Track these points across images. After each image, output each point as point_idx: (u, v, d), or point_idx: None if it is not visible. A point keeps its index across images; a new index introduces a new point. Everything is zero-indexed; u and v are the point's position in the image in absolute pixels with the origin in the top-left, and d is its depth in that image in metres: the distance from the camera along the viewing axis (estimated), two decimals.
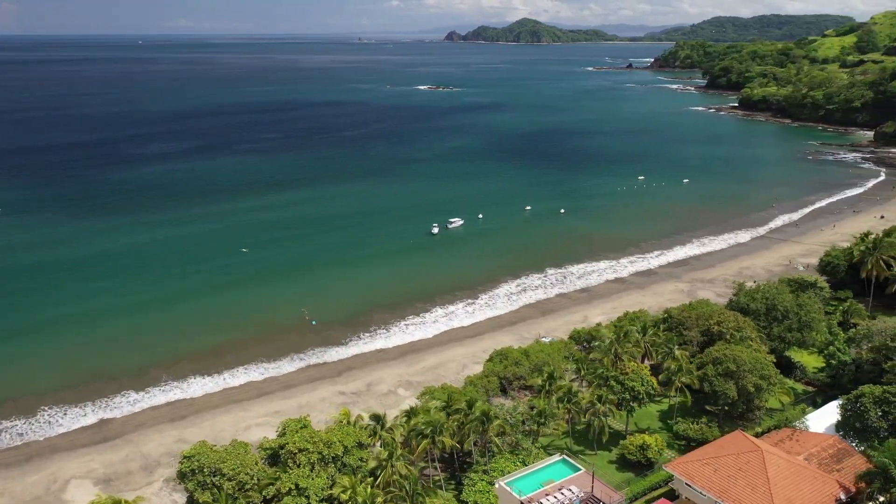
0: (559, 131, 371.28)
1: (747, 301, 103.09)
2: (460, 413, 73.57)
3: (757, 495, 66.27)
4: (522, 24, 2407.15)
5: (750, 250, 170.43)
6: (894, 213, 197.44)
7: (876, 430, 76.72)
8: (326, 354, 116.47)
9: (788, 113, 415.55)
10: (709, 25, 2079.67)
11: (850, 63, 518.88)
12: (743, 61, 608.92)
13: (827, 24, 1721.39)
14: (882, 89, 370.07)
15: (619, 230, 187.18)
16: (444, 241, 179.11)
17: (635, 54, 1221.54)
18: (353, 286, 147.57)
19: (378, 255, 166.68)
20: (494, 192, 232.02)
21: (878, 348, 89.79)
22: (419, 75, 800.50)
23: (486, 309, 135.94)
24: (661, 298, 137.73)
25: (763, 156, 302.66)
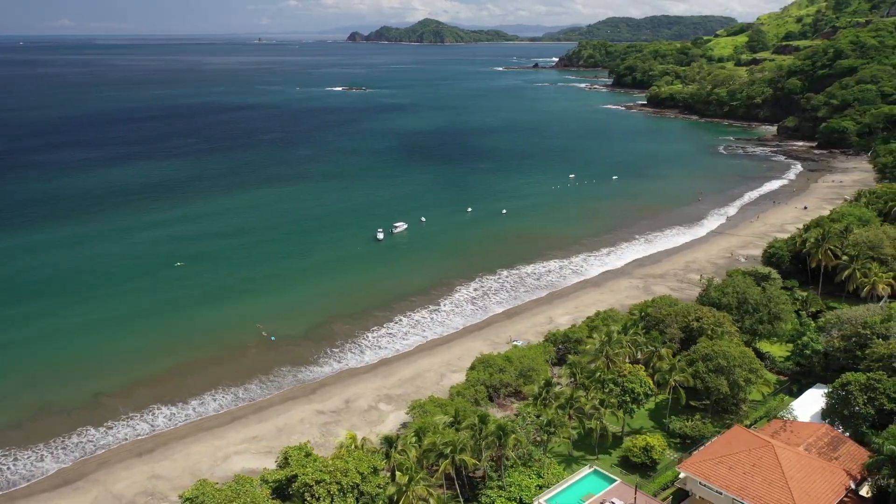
0: (484, 130, 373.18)
1: (718, 296, 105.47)
2: (473, 429, 70.86)
3: (775, 490, 67.12)
4: (425, 25, 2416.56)
5: (690, 244, 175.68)
6: (814, 203, 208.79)
7: (864, 417, 79.69)
8: (295, 372, 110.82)
9: (695, 109, 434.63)
10: (604, 26, 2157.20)
11: (744, 61, 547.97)
12: (646, 60, 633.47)
13: (712, 25, 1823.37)
14: (780, 86, 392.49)
15: (562, 229, 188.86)
16: (392, 246, 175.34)
17: (539, 54, 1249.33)
18: (305, 298, 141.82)
19: (326, 263, 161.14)
20: (430, 193, 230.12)
21: (849, 336, 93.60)
22: (329, 76, 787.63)
23: (452, 315, 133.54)
24: (619, 295, 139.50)
25: (680, 151, 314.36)
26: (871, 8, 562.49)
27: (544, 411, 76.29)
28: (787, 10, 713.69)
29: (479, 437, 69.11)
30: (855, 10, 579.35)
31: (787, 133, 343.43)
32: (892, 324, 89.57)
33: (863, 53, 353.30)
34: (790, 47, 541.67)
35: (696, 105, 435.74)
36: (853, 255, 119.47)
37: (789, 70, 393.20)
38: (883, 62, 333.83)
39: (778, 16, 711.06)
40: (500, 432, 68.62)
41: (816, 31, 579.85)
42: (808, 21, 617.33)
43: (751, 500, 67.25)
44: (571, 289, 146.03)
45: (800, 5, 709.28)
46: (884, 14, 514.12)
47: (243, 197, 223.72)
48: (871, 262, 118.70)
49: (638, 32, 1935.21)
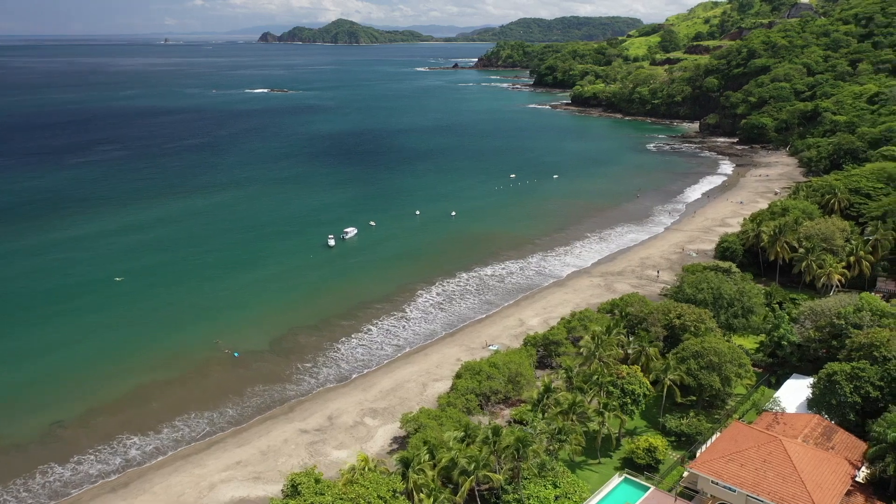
0: (418, 131, 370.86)
1: (693, 292, 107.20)
2: (487, 442, 68.66)
3: (789, 485, 68.11)
4: (339, 25, 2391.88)
5: (640, 241, 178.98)
6: (748, 197, 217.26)
7: (851, 405, 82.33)
8: (268, 390, 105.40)
9: (618, 108, 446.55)
10: (516, 27, 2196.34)
11: (659, 61, 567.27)
12: (565, 60, 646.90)
13: (619, 26, 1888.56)
14: (698, 85, 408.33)
15: (514, 229, 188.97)
16: (345, 253, 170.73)
17: (457, 54, 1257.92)
18: (263, 310, 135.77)
19: (279, 273, 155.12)
20: (374, 197, 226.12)
21: (823, 327, 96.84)
22: (248, 78, 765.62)
23: (421, 322, 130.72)
24: (583, 294, 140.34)
25: (612, 149, 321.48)
26: (772, 10, 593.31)
27: (555, 419, 74.97)
28: (693, 12, 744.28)
29: (498, 451, 66.98)
30: (757, 11, 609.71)
31: (708, 129, 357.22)
32: (864, 313, 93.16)
33: (774, 53, 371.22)
34: (700, 47, 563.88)
35: (619, 104, 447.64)
36: (808, 247, 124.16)
37: (706, 69, 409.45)
38: (794, 61, 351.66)
39: (685, 17, 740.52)
40: (518, 444, 66.76)
41: (724, 32, 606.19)
42: (715, 22, 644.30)
43: (766, 495, 68.02)
44: (535, 289, 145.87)
45: (705, 7, 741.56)
46: (784, 15, 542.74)
47: (177, 206, 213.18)
48: (825, 254, 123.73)
49: (549, 33, 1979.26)
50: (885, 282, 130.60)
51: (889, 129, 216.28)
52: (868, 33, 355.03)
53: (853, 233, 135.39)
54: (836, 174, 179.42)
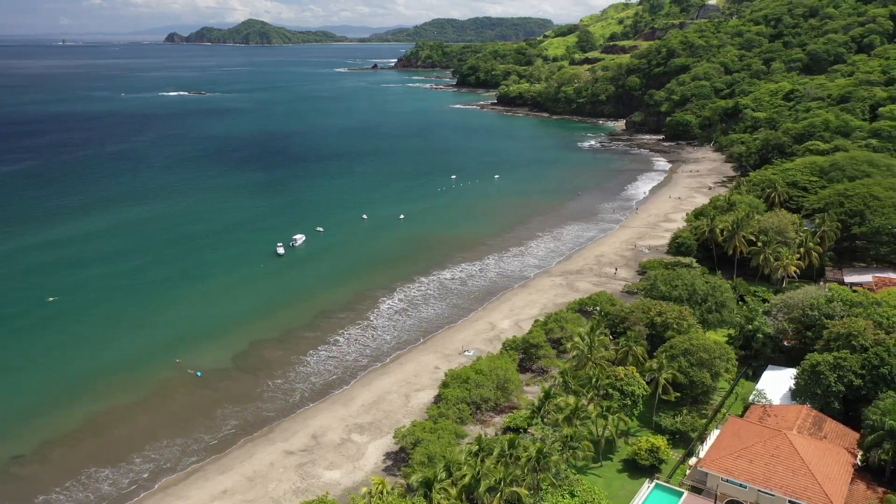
0: (349, 132, 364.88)
1: (668, 289, 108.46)
2: (504, 455, 66.52)
3: (799, 478, 69.18)
4: (249, 25, 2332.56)
5: (591, 239, 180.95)
6: (684, 193, 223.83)
7: (836, 394, 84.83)
8: (241, 410, 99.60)
9: (544, 107, 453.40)
10: (430, 27, 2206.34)
11: (578, 60, 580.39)
12: (487, 60, 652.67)
13: (531, 26, 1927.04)
14: (621, 84, 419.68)
15: (465, 231, 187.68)
16: (297, 261, 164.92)
17: (375, 55, 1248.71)
18: (219, 325, 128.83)
19: (231, 285, 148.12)
20: (315, 201, 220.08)
21: (797, 319, 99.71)
22: (160, 80, 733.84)
23: (389, 329, 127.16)
24: (547, 294, 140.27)
25: (545, 148, 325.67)
26: (681, 10, 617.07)
27: (563, 425, 73.64)
28: (606, 13, 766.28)
29: (522, 465, 64.92)
30: (668, 12, 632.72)
31: (634, 127, 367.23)
32: (836, 304, 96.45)
33: (692, 52, 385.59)
34: (617, 47, 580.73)
35: (545, 103, 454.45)
36: (766, 240, 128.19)
37: (628, 69, 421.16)
38: (711, 60, 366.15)
39: (599, 18, 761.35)
40: (539, 456, 64.96)
41: (637, 32, 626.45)
42: (628, 23, 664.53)
43: (779, 490, 68.87)
44: (497, 291, 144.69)
45: (617, 8, 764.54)
46: (693, 17, 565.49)
47: (105, 218, 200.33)
48: (781, 247, 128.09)
49: (463, 33, 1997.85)
50: (832, 271, 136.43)
51: (811, 124, 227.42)
52: (778, 33, 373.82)
53: (800, 225, 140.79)
54: (773, 168, 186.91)
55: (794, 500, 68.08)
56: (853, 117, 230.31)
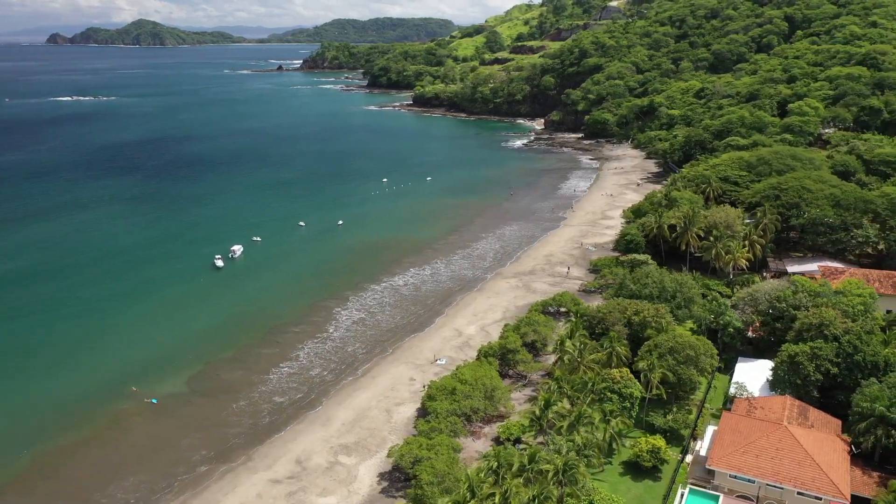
0: (267, 137, 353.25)
1: (639, 288, 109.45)
2: (525, 471, 64.35)
3: (806, 469, 70.67)
4: (140, 26, 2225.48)
5: (535, 238, 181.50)
6: (614, 190, 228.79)
7: (814, 383, 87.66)
8: (210, 439, 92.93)
9: (462, 108, 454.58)
10: (331, 27, 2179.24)
11: (488, 61, 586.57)
12: (398, 61, 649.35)
13: (432, 27, 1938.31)
14: (536, 84, 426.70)
15: (408, 235, 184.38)
16: (239, 273, 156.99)
17: (277, 56, 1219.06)
18: (168, 346, 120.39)
19: (172, 302, 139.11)
20: (246, 209, 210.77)
21: (765, 311, 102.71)
22: (48, 84, 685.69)
23: (351, 341, 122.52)
24: (507, 297, 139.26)
25: (470, 147, 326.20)
26: (583, 12, 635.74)
27: (577, 434, 72.24)
28: (510, 14, 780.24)
29: (548, 479, 62.88)
30: (571, 13, 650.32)
31: (553, 126, 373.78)
32: (801, 295, 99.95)
33: (604, 53, 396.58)
34: (525, 47, 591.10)
35: (462, 103, 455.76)
36: (717, 235, 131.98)
37: (542, 68, 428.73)
38: (623, 60, 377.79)
39: (504, 18, 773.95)
40: (565, 468, 63.21)
41: (543, 33, 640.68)
42: (534, 24, 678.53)
43: (788, 483, 70.07)
44: (455, 296, 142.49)
45: (521, 9, 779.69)
46: (595, 18, 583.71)
47: (18, 236, 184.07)
48: (731, 240, 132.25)
49: (364, 34, 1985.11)
50: (774, 262, 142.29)
51: (729, 121, 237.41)
52: (683, 34, 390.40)
53: (742, 219, 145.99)
54: (703, 164, 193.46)
55: (802, 492, 69.46)
56: (766, 114, 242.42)
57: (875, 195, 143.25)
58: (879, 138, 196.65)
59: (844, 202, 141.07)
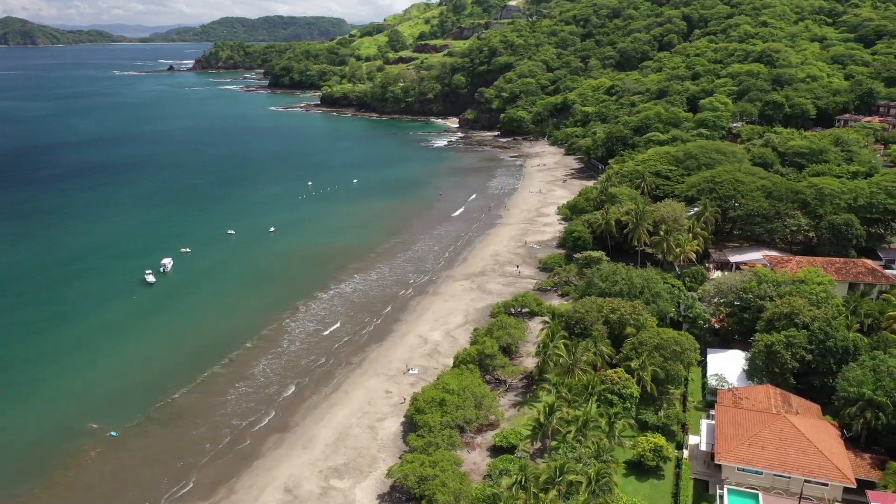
0: (174, 141, 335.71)
1: (608, 286, 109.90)
2: (554, 483, 62.35)
3: (810, 457, 72.49)
4: (7, 24, 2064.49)
5: (475, 238, 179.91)
6: (543, 187, 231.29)
7: (791, 370, 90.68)
8: (184, 472, 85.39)
9: (372, 107, 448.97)
10: (219, 26, 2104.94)
11: (392, 60, 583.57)
12: (300, 60, 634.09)
13: (325, 26, 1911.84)
14: (447, 82, 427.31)
15: (346, 240, 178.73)
16: (173, 288, 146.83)
17: (164, 55, 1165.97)
18: (116, 372, 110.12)
19: (109, 324, 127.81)
20: (168, 219, 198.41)
21: (731, 303, 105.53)
22: None
23: (307, 355, 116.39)
24: (464, 300, 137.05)
25: (389, 148, 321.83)
26: (483, 10, 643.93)
27: (595, 439, 70.94)
28: (409, 13, 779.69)
29: (583, 491, 61.08)
30: (471, 12, 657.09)
31: (468, 124, 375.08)
32: (766, 285, 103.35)
33: (514, 51, 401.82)
34: (428, 46, 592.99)
35: (372, 103, 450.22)
36: (667, 229, 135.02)
37: (453, 67, 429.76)
38: (533, 59, 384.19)
39: (403, 17, 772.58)
40: (598, 477, 61.71)
41: (445, 31, 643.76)
42: (435, 22, 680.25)
43: (796, 472, 71.60)
44: (410, 303, 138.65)
45: (419, 8, 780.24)
46: (496, 17, 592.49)
47: None
48: (680, 234, 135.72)
49: (254, 32, 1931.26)
50: (715, 252, 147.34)
51: (646, 117, 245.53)
52: (588, 33, 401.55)
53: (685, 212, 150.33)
54: (633, 160, 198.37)
55: (809, 479, 71.21)
56: (680, 110, 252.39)
57: (803, 185, 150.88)
58: (791, 132, 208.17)
59: (776, 193, 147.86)
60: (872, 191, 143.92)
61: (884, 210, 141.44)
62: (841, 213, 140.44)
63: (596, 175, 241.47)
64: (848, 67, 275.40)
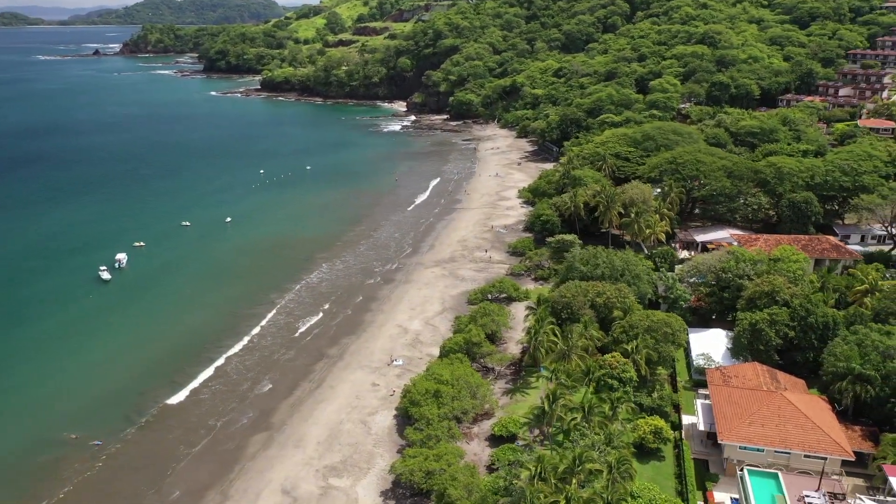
0: (115, 130, 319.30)
1: (590, 269, 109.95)
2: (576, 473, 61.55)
3: (808, 432, 74.14)
4: None
5: (439, 224, 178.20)
6: (499, 170, 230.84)
7: (774, 347, 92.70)
8: (174, 477, 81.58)
9: (316, 92, 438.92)
10: (144, 8, 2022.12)
11: (332, 42, 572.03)
12: (236, 44, 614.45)
13: (255, 8, 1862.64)
14: (392, 65, 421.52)
15: (309, 229, 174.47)
16: (131, 284, 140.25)
17: (87, 39, 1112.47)
18: (82, 380, 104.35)
19: (66, 325, 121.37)
20: (116, 212, 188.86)
21: (710, 283, 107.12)
22: None
23: (284, 350, 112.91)
24: (438, 287, 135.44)
25: (338, 133, 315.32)
26: None
27: (605, 425, 70.66)
28: None
29: (604, 479, 60.56)
30: None
31: (416, 108, 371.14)
32: (744, 264, 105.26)
33: (459, 33, 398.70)
34: (368, 28, 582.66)
35: (315, 87, 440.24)
36: (638, 210, 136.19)
37: (397, 50, 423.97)
38: (479, 41, 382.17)
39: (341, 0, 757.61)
40: (619, 465, 61.35)
41: (384, 14, 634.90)
42: (374, 4, 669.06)
43: (796, 447, 73.10)
44: (383, 292, 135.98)
45: None
46: None
47: None
48: (650, 215, 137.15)
49: (181, 15, 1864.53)
50: (681, 232, 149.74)
51: (599, 98, 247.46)
52: (533, 15, 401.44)
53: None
54: (592, 142, 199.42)
55: (809, 454, 72.83)
56: (631, 91, 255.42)
57: (762, 165, 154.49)
58: (741, 112, 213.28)
59: (737, 172, 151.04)
60: (828, 169, 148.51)
61: (839, 187, 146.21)
62: (799, 191, 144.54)
63: (551, 158, 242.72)
64: (786, 49, 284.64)
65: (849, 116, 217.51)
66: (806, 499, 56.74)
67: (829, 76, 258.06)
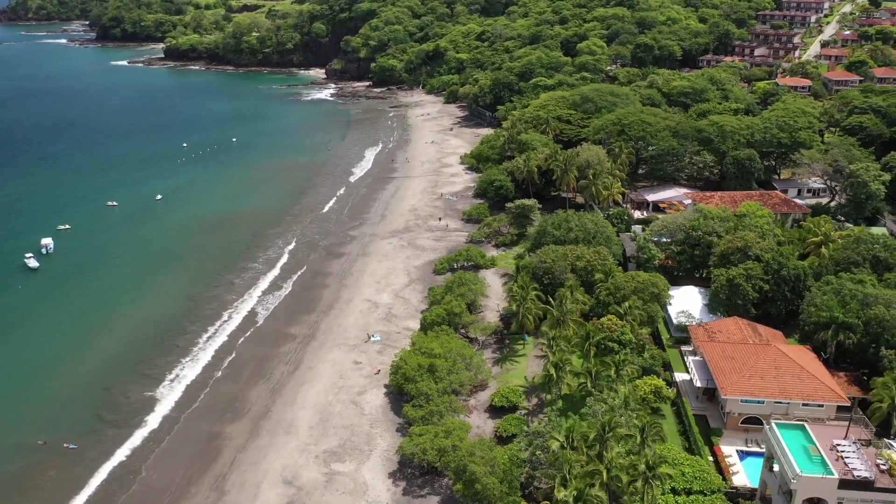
0: (9, 105, 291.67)
1: (563, 233, 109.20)
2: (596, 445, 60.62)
3: (806, 382, 76.49)
4: None
5: (386, 194, 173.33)
6: (436, 137, 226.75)
7: (751, 301, 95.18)
8: (153, 476, 75.82)
9: (226, 60, 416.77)
10: None
11: (236, 7, 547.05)
12: (132, 10, 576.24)
13: None
14: (306, 31, 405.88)
15: (252, 203, 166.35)
16: (62, 271, 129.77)
17: None
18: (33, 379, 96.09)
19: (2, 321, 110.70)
20: (32, 195, 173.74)
21: (681, 241, 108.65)
22: None
23: (255, 332, 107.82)
24: (400, 258, 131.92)
25: (257, 102, 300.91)
26: None
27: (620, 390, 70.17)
28: None
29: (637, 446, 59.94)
30: None
31: (336, 75, 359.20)
32: (712, 222, 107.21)
33: None
34: None
35: (225, 55, 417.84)
36: (594, 173, 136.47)
37: (311, 15, 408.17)
38: (398, 5, 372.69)
39: None
40: (651, 429, 60.90)
41: None
42: None
43: (796, 397, 75.25)
44: (344, 266, 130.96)
45: None
46: None
47: None
48: (607, 177, 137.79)
49: None
50: (632, 193, 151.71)
51: (529, 62, 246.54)
52: None
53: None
54: (520, 104, 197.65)
55: (807, 403, 75.18)
56: (559, 54, 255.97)
57: (705, 123, 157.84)
58: (672, 73, 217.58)
59: (682, 132, 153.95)
60: (766, 126, 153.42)
61: (777, 144, 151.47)
62: (742, 148, 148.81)
63: (484, 122, 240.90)
64: (700, 10, 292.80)
65: (766, 75, 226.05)
66: (838, 447, 58.18)
67: (743, 37, 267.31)
